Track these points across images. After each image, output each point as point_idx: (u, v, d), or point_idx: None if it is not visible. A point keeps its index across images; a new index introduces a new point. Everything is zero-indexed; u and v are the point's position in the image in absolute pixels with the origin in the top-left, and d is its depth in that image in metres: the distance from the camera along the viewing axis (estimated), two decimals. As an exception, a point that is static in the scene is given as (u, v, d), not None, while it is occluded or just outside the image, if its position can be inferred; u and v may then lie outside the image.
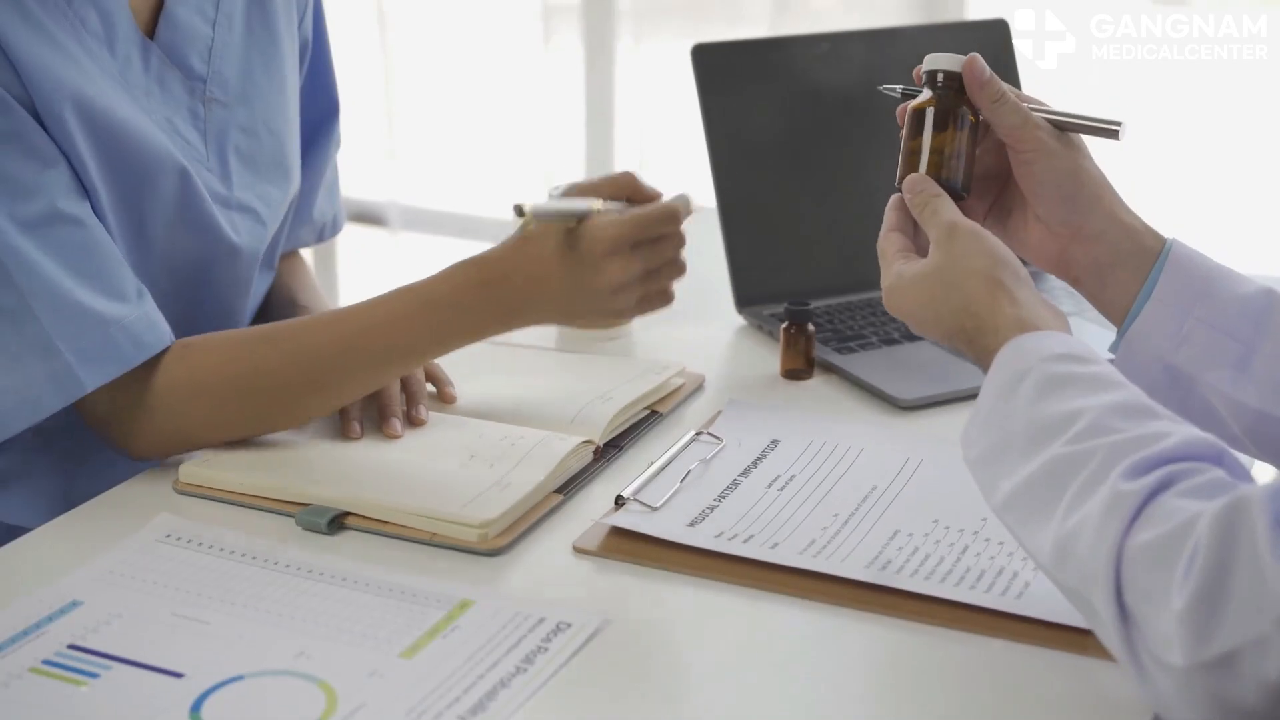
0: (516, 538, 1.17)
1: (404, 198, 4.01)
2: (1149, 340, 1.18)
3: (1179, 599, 0.88)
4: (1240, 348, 1.17)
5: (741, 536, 1.16)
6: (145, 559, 1.13)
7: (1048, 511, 0.98)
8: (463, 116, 3.99)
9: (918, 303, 1.12)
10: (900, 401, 1.44)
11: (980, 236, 1.10)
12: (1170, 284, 1.17)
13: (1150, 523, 0.92)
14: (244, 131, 1.42)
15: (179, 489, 1.24)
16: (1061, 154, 1.17)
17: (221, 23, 1.40)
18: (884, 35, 1.77)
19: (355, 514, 1.19)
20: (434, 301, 1.25)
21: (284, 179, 1.47)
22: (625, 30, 3.63)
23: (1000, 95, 1.16)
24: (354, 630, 1.04)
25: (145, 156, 1.30)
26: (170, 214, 1.34)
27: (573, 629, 1.04)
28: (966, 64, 1.16)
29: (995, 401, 1.04)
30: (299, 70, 1.55)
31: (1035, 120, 1.16)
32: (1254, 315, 1.17)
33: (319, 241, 1.68)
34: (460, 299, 1.25)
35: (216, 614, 1.06)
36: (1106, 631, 0.95)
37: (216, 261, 1.40)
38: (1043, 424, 1.00)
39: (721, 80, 1.68)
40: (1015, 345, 1.05)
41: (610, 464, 1.31)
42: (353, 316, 1.28)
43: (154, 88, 1.34)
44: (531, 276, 1.23)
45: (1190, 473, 0.93)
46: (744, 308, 1.67)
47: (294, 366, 1.27)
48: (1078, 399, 1.00)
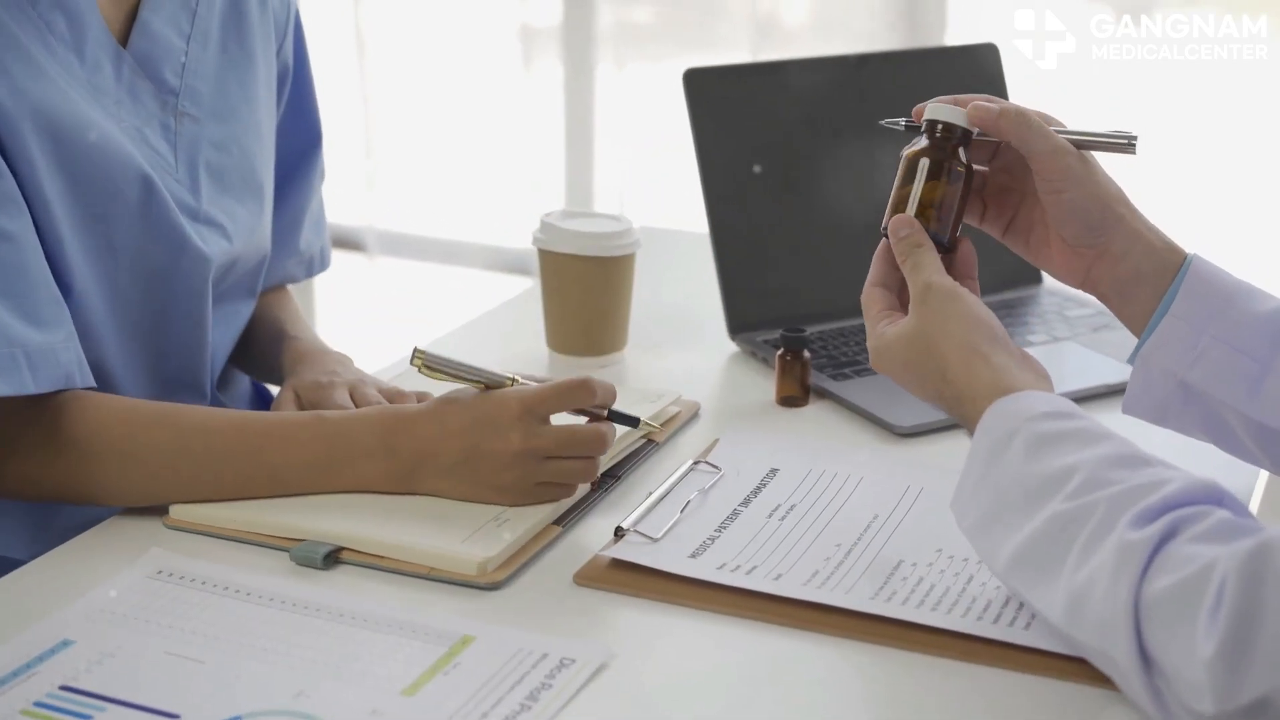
0: (516, 571, 1.15)
1: (382, 223, 3.99)
2: (1164, 356, 1.18)
3: (1207, 646, 0.87)
4: (1255, 366, 1.16)
5: (744, 568, 1.14)
6: (137, 596, 1.11)
7: (1055, 569, 0.98)
8: (442, 140, 3.97)
9: (900, 365, 1.13)
10: (897, 428, 1.43)
11: (956, 298, 1.11)
12: (1187, 301, 1.17)
13: (1164, 570, 0.91)
14: (215, 148, 1.41)
15: (169, 525, 1.22)
16: (1087, 178, 1.16)
17: (196, 38, 1.39)
18: (876, 60, 1.76)
19: (351, 548, 1.17)
20: (339, 435, 1.22)
21: (254, 198, 1.46)
22: (605, 54, 3.63)
23: (1022, 121, 1.15)
24: (354, 668, 1.02)
25: (109, 164, 1.29)
26: (136, 222, 1.32)
27: (577, 664, 1.02)
28: (970, 111, 1.15)
29: (985, 467, 1.05)
30: (279, 97, 1.54)
31: (1064, 146, 1.15)
32: (1271, 333, 1.17)
33: (308, 275, 1.66)
34: (363, 442, 1.22)
35: (211, 652, 1.04)
36: (1130, 682, 0.93)
37: (182, 271, 1.38)
38: (1038, 483, 1.00)
39: (713, 105, 1.67)
40: (998, 409, 1.05)
41: (608, 494, 1.29)
42: (257, 423, 1.25)
43: (124, 97, 1.33)
44: (434, 436, 1.21)
45: (1196, 517, 0.93)
46: (737, 334, 1.66)
47: (181, 452, 1.23)
48: (1070, 454, 1.00)
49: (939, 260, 1.14)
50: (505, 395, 1.21)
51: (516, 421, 1.19)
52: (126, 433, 1.24)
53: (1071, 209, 1.16)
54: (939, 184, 1.16)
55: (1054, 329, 1.69)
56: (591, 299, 1.58)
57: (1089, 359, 1.61)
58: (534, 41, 3.81)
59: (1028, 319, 1.73)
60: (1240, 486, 1.34)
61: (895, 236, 1.16)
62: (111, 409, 1.25)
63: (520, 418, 1.19)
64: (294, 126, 1.57)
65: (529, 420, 1.20)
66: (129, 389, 1.38)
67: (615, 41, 3.66)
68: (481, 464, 1.20)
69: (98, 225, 1.30)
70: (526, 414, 1.19)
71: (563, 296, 1.59)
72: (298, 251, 1.62)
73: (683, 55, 3.61)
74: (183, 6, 1.38)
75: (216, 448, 1.23)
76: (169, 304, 1.37)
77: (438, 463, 1.21)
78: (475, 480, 1.21)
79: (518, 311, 1.81)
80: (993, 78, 1.80)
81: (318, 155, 1.62)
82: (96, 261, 1.31)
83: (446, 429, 1.21)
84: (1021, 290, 1.81)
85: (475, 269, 3.87)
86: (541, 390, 1.21)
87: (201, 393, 1.48)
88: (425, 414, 1.22)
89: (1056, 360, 1.61)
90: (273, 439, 1.23)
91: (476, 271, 3.87)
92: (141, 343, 1.38)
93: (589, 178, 3.67)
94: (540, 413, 1.20)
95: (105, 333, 1.34)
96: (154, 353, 1.40)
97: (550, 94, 3.67)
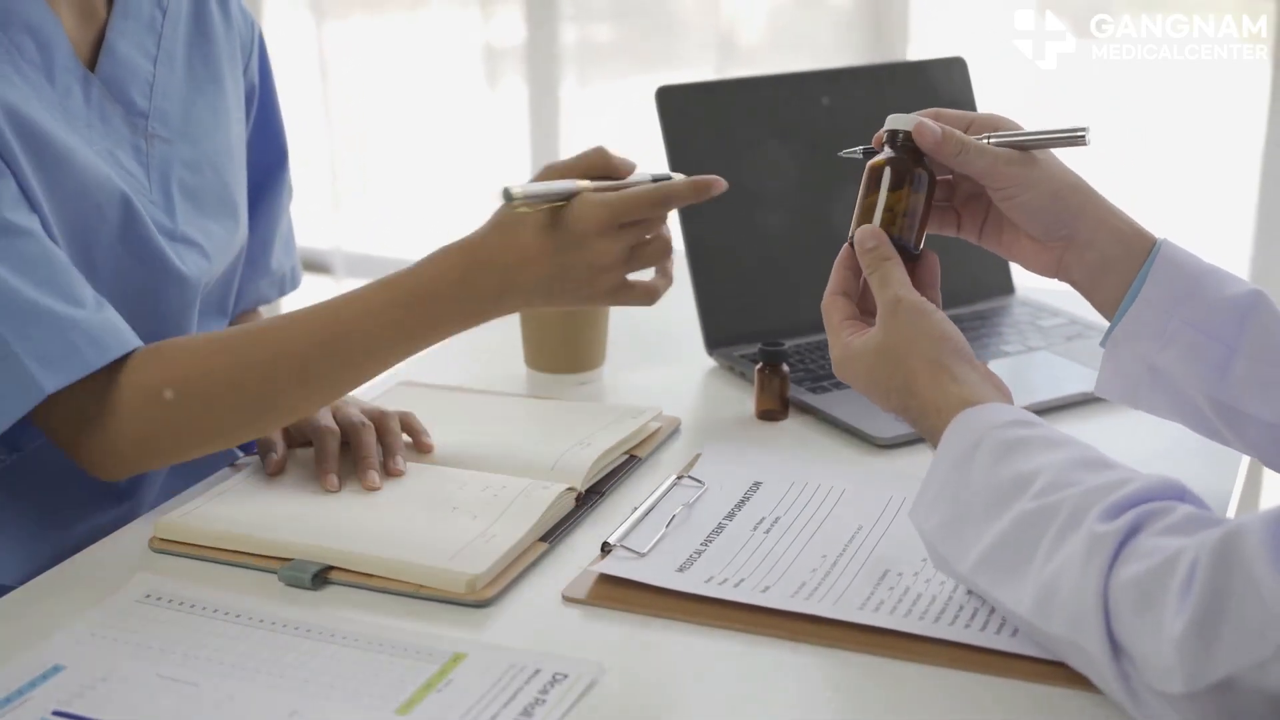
0: (505, 588, 1.15)
1: (349, 244, 3.99)
2: (1134, 340, 1.21)
3: (1176, 624, 0.89)
4: (1223, 349, 1.19)
5: (732, 581, 1.15)
6: (127, 620, 1.11)
7: (1023, 565, 1.00)
8: (408, 162, 3.98)
9: (864, 377, 1.15)
10: (878, 440, 1.44)
11: (924, 314, 1.14)
12: (1155, 285, 1.20)
13: (1133, 559, 0.93)
14: (188, 168, 1.41)
15: (155, 547, 1.22)
16: (1038, 178, 1.20)
17: (163, 60, 1.39)
18: (846, 75, 1.77)
19: (339, 568, 1.17)
20: (416, 292, 1.23)
21: (229, 217, 1.46)
22: (569, 73, 3.64)
23: (961, 147, 1.19)
24: (347, 687, 1.02)
25: (88, 183, 1.29)
26: (116, 242, 1.32)
27: (569, 680, 1.02)
28: (915, 131, 1.19)
29: (949, 473, 1.07)
30: (247, 116, 1.54)
31: (1003, 155, 1.19)
32: (1239, 317, 1.19)
33: (280, 295, 1.66)
34: (442, 289, 1.22)
35: (204, 675, 1.04)
36: (1100, 670, 0.95)
37: (164, 290, 1.38)
38: (1004, 486, 1.03)
39: (685, 122, 1.68)
40: (963, 419, 1.08)
41: (593, 510, 1.29)
42: (334, 311, 1.25)
43: (95, 120, 1.33)
44: (516, 259, 1.21)
45: (1162, 512, 0.96)
46: (714, 349, 1.66)
47: (276, 363, 1.23)
48: (1035, 458, 1.03)
49: (906, 274, 1.16)
50: (586, 210, 1.21)
51: (597, 236, 1.20)
52: (219, 361, 1.24)
53: (1027, 210, 1.20)
54: (902, 193, 1.18)
55: (1027, 339, 1.70)
56: (569, 316, 1.59)
57: (1062, 368, 1.62)
58: (498, 61, 3.82)
59: (1001, 329, 1.74)
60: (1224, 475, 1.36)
61: (862, 248, 1.18)
62: (192, 346, 1.26)
63: (600, 232, 1.20)
64: (261, 145, 1.58)
65: (609, 230, 1.21)
66: None
67: (578, 60, 3.67)
68: (574, 276, 1.21)
69: (79, 244, 1.29)
70: (607, 225, 1.20)
71: (539, 314, 1.60)
72: (270, 271, 1.62)
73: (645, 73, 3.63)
74: (148, 29, 1.38)
75: (301, 339, 1.23)
76: (151, 325, 1.37)
77: (526, 285, 1.22)
78: (569, 290, 1.23)
79: (494, 330, 1.79)
80: (961, 91, 1.81)
81: (285, 173, 1.63)
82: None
83: (528, 252, 1.21)
84: (995, 301, 1.82)
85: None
86: (625, 200, 1.21)
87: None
88: (497, 244, 1.22)
89: (1030, 370, 1.63)
90: (349, 317, 1.23)
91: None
92: None
93: (555, 196, 3.67)
94: (618, 220, 1.21)
95: None
96: None
97: (515, 113, 3.68)
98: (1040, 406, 1.49)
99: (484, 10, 3.80)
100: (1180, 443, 1.36)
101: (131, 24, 1.37)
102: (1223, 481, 1.36)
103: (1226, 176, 2.92)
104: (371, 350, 1.24)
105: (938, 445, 1.09)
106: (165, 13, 1.40)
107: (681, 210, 1.65)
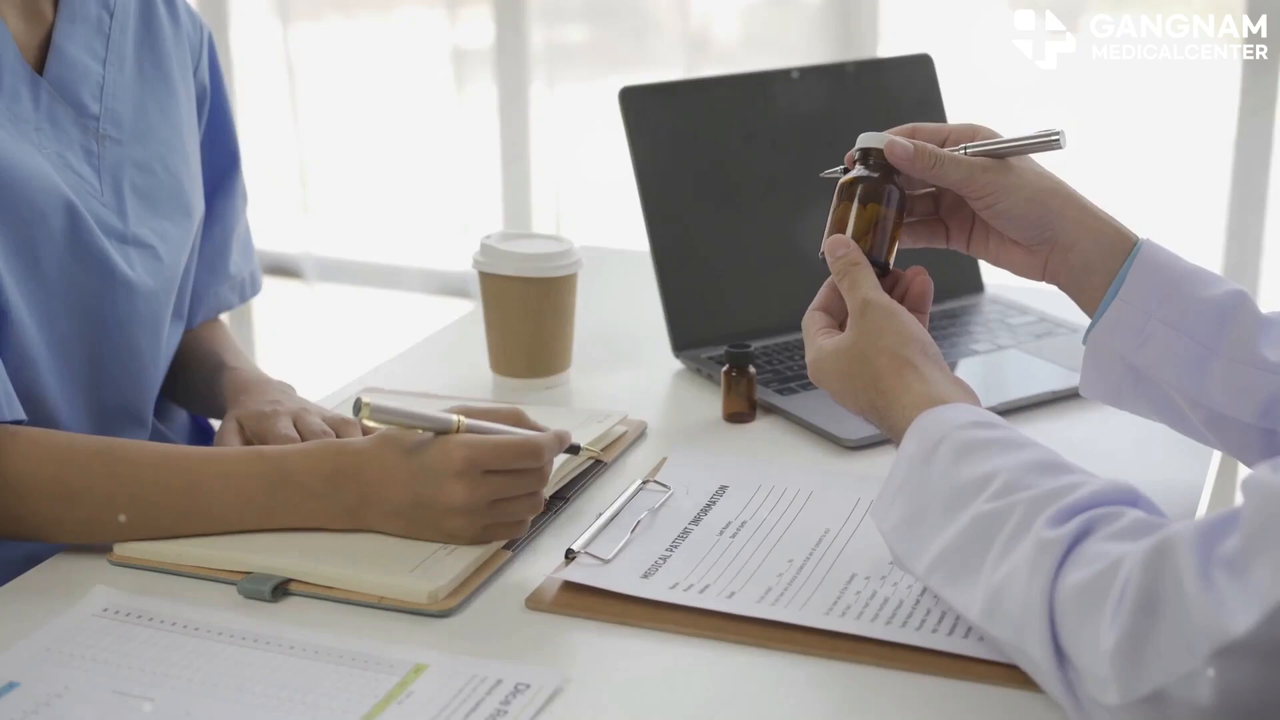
0: (467, 597, 1.14)
1: (319, 249, 3.97)
2: (1112, 339, 1.23)
3: (1108, 639, 0.89)
4: (1200, 349, 1.20)
5: (697, 587, 1.14)
6: (83, 635, 1.09)
7: (975, 567, 1.01)
8: (377, 165, 3.96)
9: (834, 376, 1.16)
10: (845, 441, 1.43)
11: (892, 314, 1.15)
12: (1134, 285, 1.21)
13: (1077, 565, 0.94)
14: (140, 168, 1.40)
15: (114, 561, 1.20)
16: (1016, 184, 1.21)
17: (112, 61, 1.39)
18: (812, 74, 1.76)
19: (298, 580, 1.15)
20: (281, 477, 1.20)
21: (183, 216, 1.45)
22: (538, 74, 3.62)
23: (934, 161, 1.21)
24: (306, 700, 1.01)
25: (32, 192, 1.28)
26: (62, 250, 1.31)
27: (531, 689, 1.01)
28: (887, 149, 1.21)
29: (909, 471, 1.08)
30: (199, 120, 1.53)
31: (979, 164, 1.21)
32: (1218, 317, 1.20)
33: (241, 301, 1.65)
34: (307, 483, 1.19)
35: (160, 689, 1.02)
36: (1045, 677, 0.96)
37: (113, 298, 1.37)
38: (961, 486, 1.03)
39: (650, 123, 1.67)
40: (927, 416, 1.09)
41: (557, 516, 1.28)
42: (197, 462, 1.22)
43: (44, 124, 1.32)
44: (378, 476, 1.18)
45: (1111, 517, 0.96)
46: (681, 351, 1.65)
47: (117, 494, 1.20)
48: (993, 460, 1.03)
49: (875, 278, 1.17)
50: (449, 448, 1.17)
51: (460, 476, 1.16)
52: (59, 473, 1.21)
53: (1008, 216, 1.21)
54: (872, 209, 1.20)
55: (997, 337, 1.70)
56: (534, 321, 1.57)
57: (1032, 366, 1.62)
58: (466, 64, 3.80)
59: (971, 327, 1.73)
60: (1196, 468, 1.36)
61: (832, 256, 1.19)
62: (46, 446, 1.22)
63: (463, 472, 1.16)
64: (213, 149, 1.57)
65: (472, 473, 1.16)
66: (68, 420, 1.36)
67: (548, 62, 3.66)
68: (426, 511, 1.17)
69: (26, 254, 1.28)
70: (470, 467, 1.16)
71: (505, 319, 1.58)
72: (229, 276, 1.61)
73: (616, 74, 3.61)
74: (96, 31, 1.38)
75: (152, 484, 1.21)
76: (102, 333, 1.36)
77: (383, 506, 1.18)
78: (422, 524, 1.18)
79: (459, 335, 1.80)
80: (927, 88, 1.80)
81: (237, 176, 1.62)
82: (28, 291, 1.30)
83: (390, 475, 1.18)
84: (964, 299, 1.81)
85: (415, 293, 3.85)
86: (487, 447, 1.17)
87: (143, 423, 1.46)
88: (368, 456, 1.19)
89: (1000, 368, 1.62)
90: (210, 476, 1.21)
91: (416, 295, 3.85)
92: (78, 373, 1.37)
93: (526, 198, 3.66)
94: (484, 467, 1.17)
95: (42, 363, 1.32)
96: (92, 383, 1.38)
97: (484, 116, 3.66)
98: (1011, 405, 1.49)
99: (452, 12, 3.78)
100: (1150, 438, 1.36)
101: (79, 27, 1.36)
102: (1195, 474, 1.36)
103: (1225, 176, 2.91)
104: (217, 514, 1.20)
105: (899, 443, 1.09)
106: (113, 15, 1.39)
107: (647, 211, 1.65)
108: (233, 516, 1.20)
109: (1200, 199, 2.89)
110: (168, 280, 1.42)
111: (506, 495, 1.18)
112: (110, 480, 1.21)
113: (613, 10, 3.76)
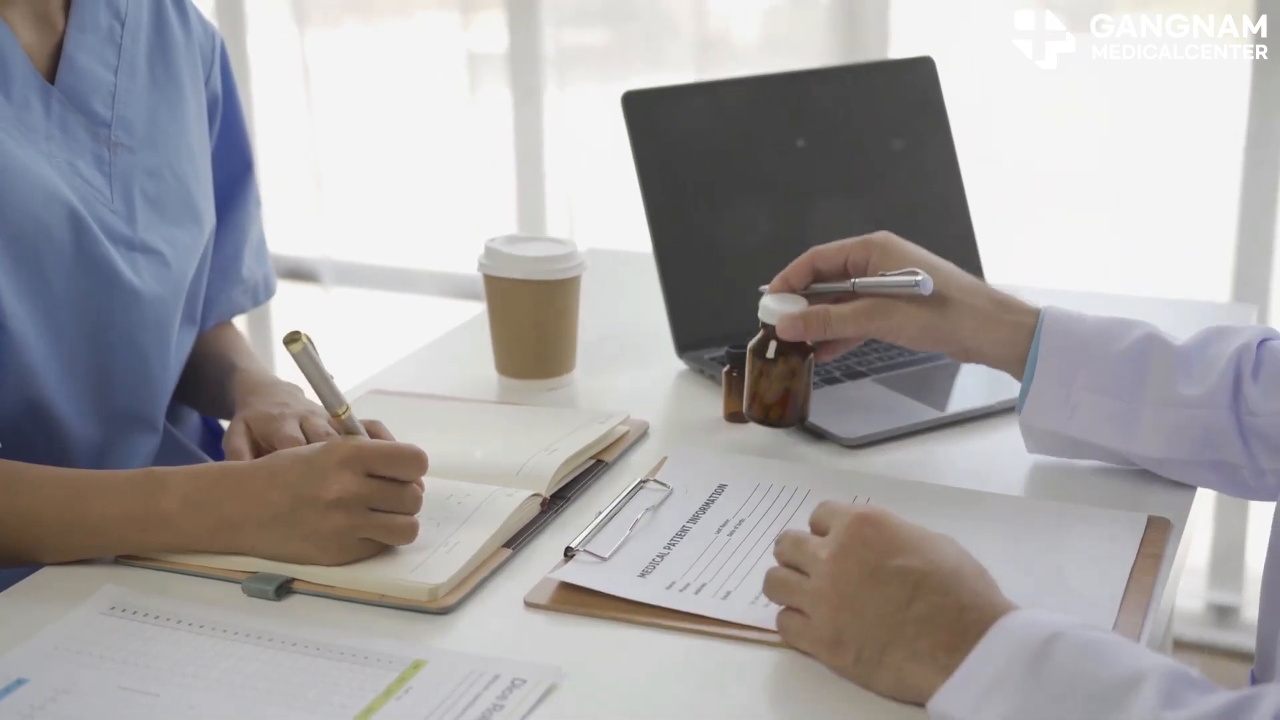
0: (467, 595, 1.16)
1: (335, 253, 3.99)
2: (1042, 419, 1.30)
3: None
4: (1126, 405, 1.25)
5: (693, 586, 1.16)
6: (91, 632, 1.11)
7: None
8: (392, 169, 3.98)
9: None
10: (845, 441, 1.45)
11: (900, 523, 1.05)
12: (1048, 362, 1.29)
13: None
14: (150, 175, 1.42)
15: (122, 561, 1.22)
16: (903, 323, 1.32)
17: (124, 69, 1.41)
18: (811, 76, 1.77)
19: (302, 580, 1.18)
20: (159, 487, 1.20)
21: (193, 223, 1.47)
22: (551, 78, 3.64)
23: (825, 326, 1.34)
24: (307, 696, 1.03)
25: (35, 202, 1.30)
26: (67, 260, 1.33)
27: (528, 685, 1.03)
28: (779, 330, 1.35)
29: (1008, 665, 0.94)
30: (211, 127, 1.55)
31: (864, 312, 1.32)
32: (1134, 368, 1.27)
33: (254, 305, 1.67)
34: (189, 493, 1.19)
35: (166, 686, 1.04)
36: None
37: (119, 306, 1.39)
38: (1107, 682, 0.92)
39: (653, 126, 1.68)
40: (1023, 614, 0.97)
41: (558, 515, 1.30)
42: (84, 473, 1.23)
43: (55, 132, 1.34)
44: (263, 484, 1.17)
45: None
46: (684, 352, 1.67)
47: (13, 510, 1.21)
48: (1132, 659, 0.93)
49: None
50: (334, 445, 1.18)
51: (340, 467, 1.16)
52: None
53: (911, 344, 1.34)
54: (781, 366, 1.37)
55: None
56: (538, 323, 1.59)
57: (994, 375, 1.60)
58: (480, 68, 3.81)
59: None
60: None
61: None
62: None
63: (344, 464, 1.16)
64: (226, 155, 1.59)
65: (353, 468, 1.16)
66: (76, 427, 1.38)
67: (562, 65, 3.67)
68: (302, 513, 1.16)
69: (29, 265, 1.30)
70: (352, 461, 1.16)
71: (509, 321, 1.60)
72: (241, 280, 1.63)
73: (630, 77, 3.62)
74: (107, 40, 1.40)
75: (41, 499, 1.21)
76: (109, 340, 1.38)
77: (259, 516, 1.17)
78: (295, 533, 1.16)
79: (468, 337, 1.82)
80: (929, 90, 1.82)
81: (250, 183, 1.64)
82: (32, 300, 1.31)
83: (275, 480, 1.17)
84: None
85: (430, 295, 3.87)
86: (372, 447, 1.18)
87: (154, 428, 1.48)
88: (257, 467, 1.19)
89: (946, 380, 1.60)
90: (91, 490, 1.20)
91: (431, 298, 3.87)
92: (86, 380, 1.39)
93: (540, 202, 3.68)
94: (366, 465, 1.16)
95: (47, 372, 1.34)
96: (100, 390, 1.40)
97: (499, 119, 3.68)
98: (1009, 404, 1.49)
99: (465, 17, 3.80)
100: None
101: (90, 36, 1.38)
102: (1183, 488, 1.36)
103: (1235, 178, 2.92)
104: (98, 527, 1.20)
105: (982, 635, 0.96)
106: (124, 24, 1.41)
107: (651, 214, 1.66)
108: (112, 531, 1.20)
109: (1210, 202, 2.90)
110: (176, 287, 1.45)
111: (384, 505, 1.17)
112: (5, 502, 1.21)
113: (626, 14, 3.77)
